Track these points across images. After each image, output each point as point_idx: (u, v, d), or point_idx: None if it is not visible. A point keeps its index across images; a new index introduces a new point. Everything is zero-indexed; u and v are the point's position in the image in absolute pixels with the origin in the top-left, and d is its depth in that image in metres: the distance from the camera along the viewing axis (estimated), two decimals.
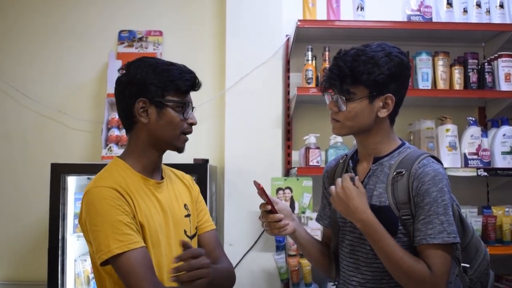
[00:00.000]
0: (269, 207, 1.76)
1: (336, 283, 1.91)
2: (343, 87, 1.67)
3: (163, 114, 1.71)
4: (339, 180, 1.70)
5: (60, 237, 2.76)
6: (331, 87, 1.72)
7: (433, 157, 1.70)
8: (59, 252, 2.76)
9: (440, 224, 1.57)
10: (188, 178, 1.98)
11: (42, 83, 3.40)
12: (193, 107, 1.81)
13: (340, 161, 1.89)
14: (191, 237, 1.84)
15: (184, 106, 1.74)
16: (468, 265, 1.71)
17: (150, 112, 1.71)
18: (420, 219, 1.60)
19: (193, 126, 1.82)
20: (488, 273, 1.77)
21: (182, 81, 1.73)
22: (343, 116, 1.70)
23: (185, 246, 1.52)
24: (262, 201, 1.78)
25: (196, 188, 1.97)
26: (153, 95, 1.70)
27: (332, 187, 1.71)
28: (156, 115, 1.71)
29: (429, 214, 1.58)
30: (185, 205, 1.85)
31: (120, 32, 3.40)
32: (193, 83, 1.77)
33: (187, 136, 1.79)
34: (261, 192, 1.73)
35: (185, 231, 1.81)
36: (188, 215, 1.84)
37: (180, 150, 1.79)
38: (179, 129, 1.74)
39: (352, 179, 1.69)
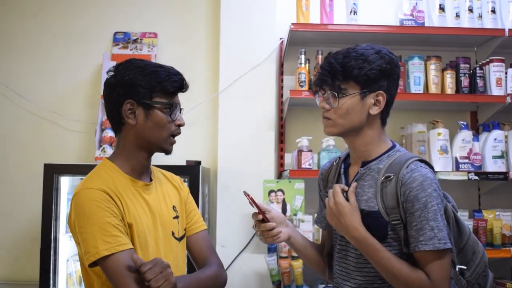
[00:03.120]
0: (260, 216, 1.76)
1: (328, 285, 1.91)
2: (335, 82, 1.67)
3: (150, 116, 1.72)
4: (331, 193, 1.70)
5: (52, 237, 2.77)
6: (322, 84, 1.71)
7: (422, 160, 1.68)
8: (51, 252, 2.77)
9: (430, 230, 1.56)
10: (177, 179, 1.99)
11: (37, 83, 3.42)
12: (181, 109, 1.81)
13: (334, 163, 1.88)
14: (179, 239, 1.84)
15: (172, 107, 1.75)
16: (465, 267, 1.70)
17: (137, 113, 1.72)
18: (413, 225, 1.59)
19: (186, 128, 1.83)
20: (486, 275, 1.76)
21: (170, 82, 1.73)
22: (334, 114, 1.69)
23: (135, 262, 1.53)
24: (253, 208, 1.78)
25: (185, 189, 1.97)
26: (141, 96, 1.71)
27: (326, 200, 1.71)
28: (144, 116, 1.72)
29: (420, 221, 1.57)
30: (173, 206, 1.86)
31: (115, 33, 3.41)
32: (181, 85, 1.77)
33: (175, 137, 1.80)
34: (252, 202, 1.73)
35: (173, 233, 1.81)
36: (176, 217, 1.85)
37: (167, 152, 1.79)
38: (167, 131, 1.75)
39: (344, 192, 1.69)
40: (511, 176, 2.98)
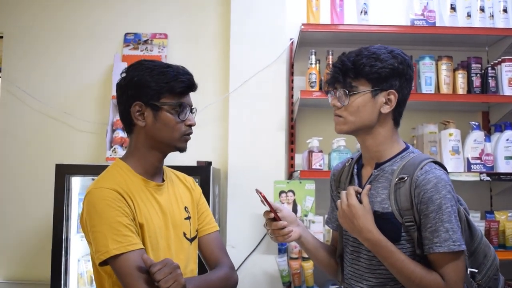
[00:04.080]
0: (272, 214, 1.76)
1: (341, 287, 1.90)
2: (346, 80, 1.68)
3: (159, 117, 1.72)
4: (344, 195, 1.69)
5: (64, 237, 2.79)
6: (334, 82, 1.72)
7: (436, 162, 1.68)
8: (63, 252, 2.79)
9: (445, 232, 1.56)
10: (190, 180, 1.99)
11: (48, 84, 3.44)
12: (191, 108, 1.80)
13: (346, 164, 1.88)
14: (191, 240, 1.85)
15: (179, 108, 1.74)
16: (476, 270, 1.69)
17: (146, 115, 1.73)
18: (427, 227, 1.59)
19: (196, 129, 1.83)
20: (497, 278, 1.75)
21: (177, 82, 1.72)
22: (345, 111, 1.69)
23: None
24: (265, 206, 1.78)
25: (198, 190, 1.98)
26: (149, 98, 1.71)
27: (338, 202, 1.71)
28: (153, 117, 1.72)
29: (435, 222, 1.57)
30: (185, 207, 1.86)
31: (126, 34, 3.43)
32: (188, 85, 1.76)
33: (190, 135, 1.79)
34: (264, 200, 1.73)
35: (184, 234, 1.81)
36: (188, 218, 1.85)
37: (181, 149, 1.79)
38: (177, 131, 1.75)
39: (358, 193, 1.69)
40: None
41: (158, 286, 1.49)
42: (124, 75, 1.78)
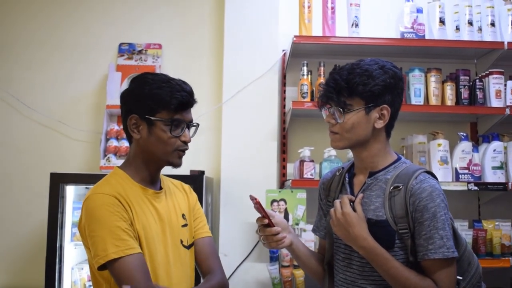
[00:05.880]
0: (266, 221, 1.78)
1: None
2: (340, 99, 1.70)
3: (153, 131, 1.75)
4: (338, 204, 1.72)
5: (58, 245, 2.80)
6: (328, 101, 1.75)
7: (428, 172, 1.73)
8: (57, 260, 2.79)
9: (440, 239, 1.60)
10: (186, 187, 2.02)
11: (43, 93, 3.45)
12: (189, 124, 1.81)
13: (337, 173, 1.91)
14: (188, 247, 1.87)
15: (172, 123, 1.75)
16: (461, 278, 1.72)
17: (141, 128, 1.76)
18: (422, 234, 1.63)
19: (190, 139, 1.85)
20: (480, 285, 1.79)
21: (172, 99, 1.74)
22: (341, 128, 1.73)
23: None
24: (258, 214, 1.80)
25: (194, 196, 2.01)
26: (144, 112, 1.75)
27: (332, 210, 1.73)
28: (147, 131, 1.76)
29: (429, 230, 1.61)
30: (183, 215, 1.89)
31: (120, 44, 3.46)
32: (182, 102, 1.76)
33: (184, 151, 1.82)
34: (258, 206, 1.75)
35: (181, 241, 1.84)
36: (185, 225, 1.88)
37: (175, 165, 1.81)
38: (171, 146, 1.76)
39: (351, 202, 1.72)
40: (510, 186, 3.01)
41: None
42: (127, 86, 1.82)
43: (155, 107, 1.74)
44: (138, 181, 1.79)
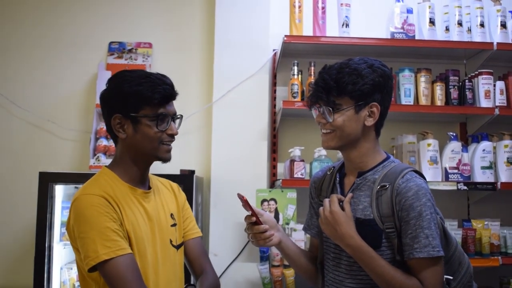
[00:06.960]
0: (254, 218, 1.78)
1: None
2: (329, 98, 1.71)
3: (138, 129, 1.73)
4: (327, 202, 1.73)
5: (46, 245, 2.78)
6: (317, 100, 1.75)
7: (416, 171, 1.74)
8: (46, 260, 2.78)
9: (425, 238, 1.60)
10: (175, 186, 2.01)
11: (32, 92, 3.44)
12: (174, 116, 1.80)
13: (328, 172, 1.91)
14: (177, 247, 1.87)
15: (158, 118, 1.74)
16: (451, 277, 1.73)
17: (126, 127, 1.74)
18: (407, 233, 1.63)
19: (180, 137, 1.84)
20: (471, 285, 1.80)
21: (154, 93, 1.72)
22: (331, 128, 1.73)
23: None
24: (247, 213, 1.80)
25: (182, 196, 2.00)
26: (128, 110, 1.73)
27: (321, 209, 1.74)
28: (132, 129, 1.74)
29: (415, 229, 1.62)
30: (171, 214, 1.88)
31: (110, 43, 3.45)
32: (165, 95, 1.75)
33: (171, 145, 1.80)
34: (245, 204, 1.75)
35: (170, 241, 1.83)
36: (174, 225, 1.87)
37: (164, 160, 1.80)
38: (157, 141, 1.75)
39: (340, 201, 1.73)
40: (499, 186, 3.03)
41: None
42: (106, 86, 1.80)
43: (138, 104, 1.72)
44: (127, 181, 1.77)
